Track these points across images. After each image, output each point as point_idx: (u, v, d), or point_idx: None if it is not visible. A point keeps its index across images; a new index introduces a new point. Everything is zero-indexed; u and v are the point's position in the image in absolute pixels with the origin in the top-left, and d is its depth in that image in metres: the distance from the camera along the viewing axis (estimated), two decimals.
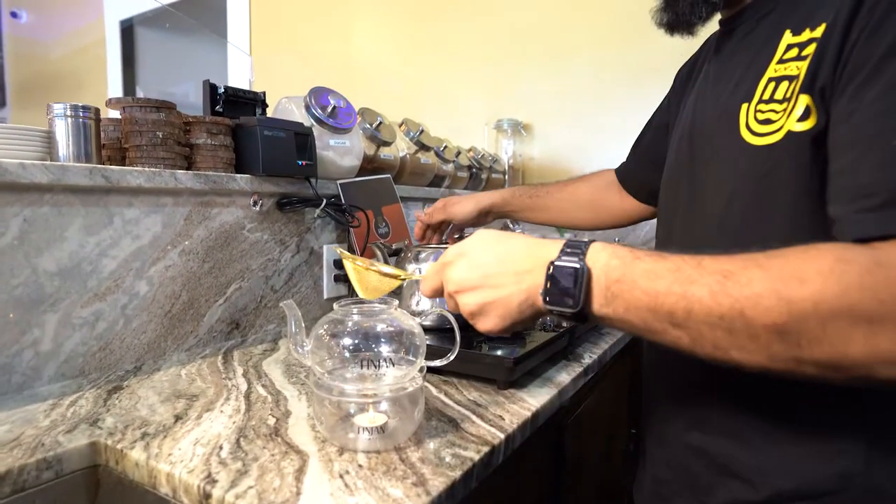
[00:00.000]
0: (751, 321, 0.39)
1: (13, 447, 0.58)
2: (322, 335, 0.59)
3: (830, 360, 0.38)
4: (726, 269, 0.41)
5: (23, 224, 0.73)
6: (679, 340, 0.43)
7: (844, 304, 0.37)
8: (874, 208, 0.41)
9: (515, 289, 0.49)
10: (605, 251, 0.47)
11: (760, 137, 0.52)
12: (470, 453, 0.57)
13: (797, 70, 0.50)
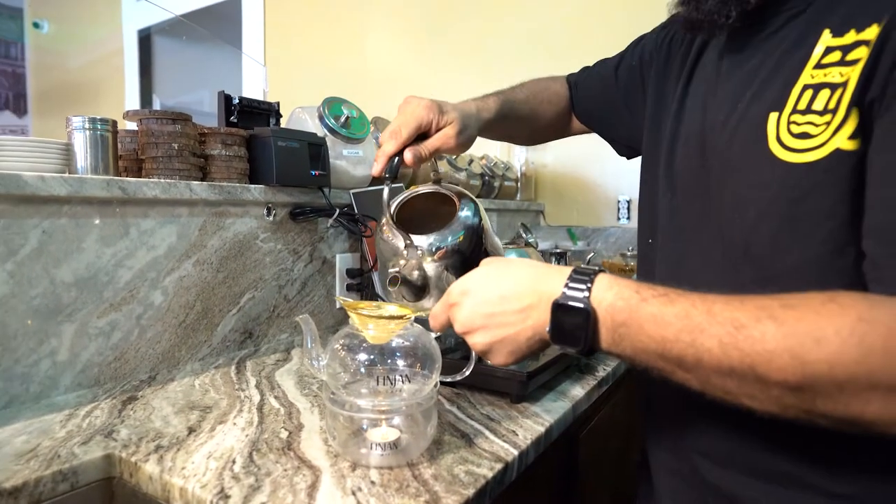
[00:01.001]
0: (762, 377, 0.38)
1: (30, 458, 0.58)
2: (338, 349, 0.59)
3: (844, 418, 0.37)
4: (738, 320, 0.39)
5: (42, 235, 0.74)
6: (688, 382, 0.43)
7: (863, 370, 0.35)
8: None
9: (521, 326, 0.49)
10: (611, 290, 0.46)
11: (796, 154, 0.46)
12: (483, 470, 0.57)
13: (842, 77, 0.45)
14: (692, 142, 0.59)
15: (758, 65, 0.53)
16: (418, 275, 0.65)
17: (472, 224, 0.66)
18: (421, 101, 0.69)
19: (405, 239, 0.65)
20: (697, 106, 0.61)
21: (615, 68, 0.85)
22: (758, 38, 0.55)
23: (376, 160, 0.68)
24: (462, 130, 0.71)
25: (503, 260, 0.54)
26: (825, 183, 0.44)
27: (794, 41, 0.50)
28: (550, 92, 0.90)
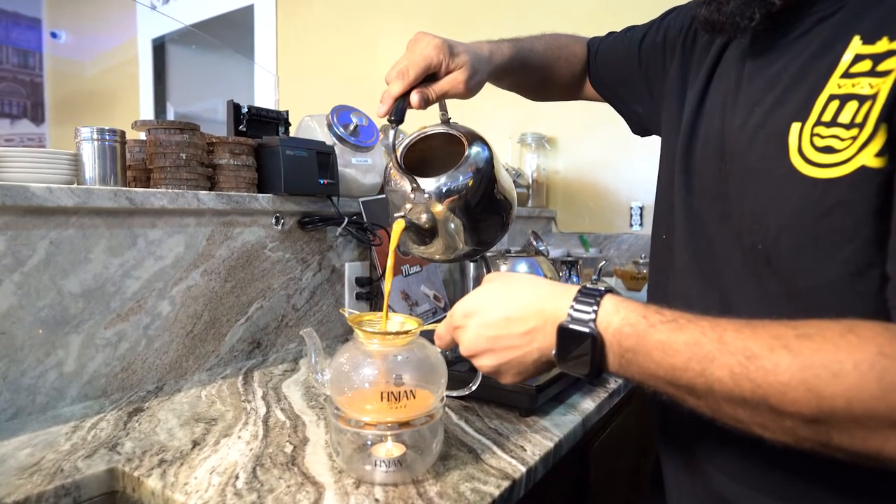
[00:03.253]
0: (775, 408, 0.37)
1: (33, 472, 0.58)
2: (342, 364, 0.58)
3: (862, 453, 0.36)
4: (750, 350, 0.38)
5: (49, 246, 0.74)
6: (699, 408, 0.42)
7: (883, 406, 0.34)
8: None
9: (528, 349, 0.48)
10: (618, 314, 0.44)
11: (820, 168, 0.44)
12: (490, 488, 0.55)
13: (872, 88, 0.42)
14: (711, 143, 0.57)
15: (781, 69, 0.50)
16: (426, 218, 0.64)
17: (481, 166, 0.64)
18: (432, 41, 0.66)
19: (412, 182, 0.63)
20: (717, 106, 0.58)
21: (639, 43, 0.80)
22: (783, 41, 0.52)
23: (382, 101, 0.65)
24: (472, 75, 0.68)
25: (507, 277, 0.52)
26: (849, 201, 0.42)
27: (822, 46, 0.47)
28: (569, 51, 0.87)
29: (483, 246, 0.71)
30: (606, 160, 2.03)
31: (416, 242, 0.68)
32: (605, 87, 0.87)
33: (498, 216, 0.69)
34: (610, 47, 0.85)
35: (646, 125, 0.84)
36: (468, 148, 0.65)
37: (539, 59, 0.82)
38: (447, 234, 0.66)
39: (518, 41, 0.80)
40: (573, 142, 2.12)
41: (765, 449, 0.45)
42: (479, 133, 0.68)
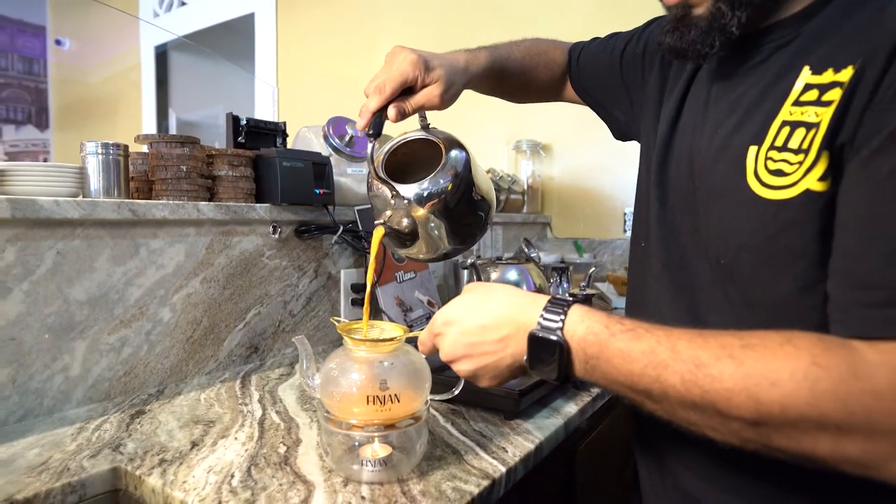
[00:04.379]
0: (722, 412, 0.40)
1: (41, 471, 0.61)
2: (332, 369, 0.62)
3: (797, 453, 0.39)
4: (699, 358, 0.42)
5: (56, 256, 0.78)
6: (656, 412, 0.45)
7: (814, 413, 0.37)
8: (873, 304, 0.39)
9: (502, 355, 0.52)
10: (583, 324, 0.48)
11: (771, 190, 0.47)
12: (470, 487, 0.59)
13: (817, 117, 0.45)
14: (683, 161, 0.60)
15: (743, 94, 0.54)
16: (407, 223, 0.67)
17: (459, 170, 0.67)
18: (408, 56, 0.68)
19: (391, 190, 0.66)
20: (689, 125, 0.61)
21: (621, 52, 0.82)
22: (745, 67, 0.55)
23: (360, 115, 0.68)
24: (448, 88, 0.71)
25: (484, 288, 0.56)
26: (797, 222, 0.45)
27: (778, 73, 0.50)
28: (548, 57, 0.89)
29: (464, 245, 0.75)
30: (601, 166, 2.07)
31: (398, 246, 0.72)
32: (586, 93, 0.90)
33: (477, 217, 0.73)
34: (592, 54, 0.88)
35: (626, 131, 0.87)
36: (446, 153, 0.68)
37: (517, 66, 0.85)
38: (429, 235, 0.69)
39: (496, 48, 0.83)
40: (568, 148, 2.15)
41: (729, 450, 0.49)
42: (457, 138, 0.71)
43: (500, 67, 0.81)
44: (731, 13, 0.49)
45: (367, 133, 0.67)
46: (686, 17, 0.52)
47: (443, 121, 0.74)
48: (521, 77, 0.86)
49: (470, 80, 0.76)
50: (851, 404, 0.36)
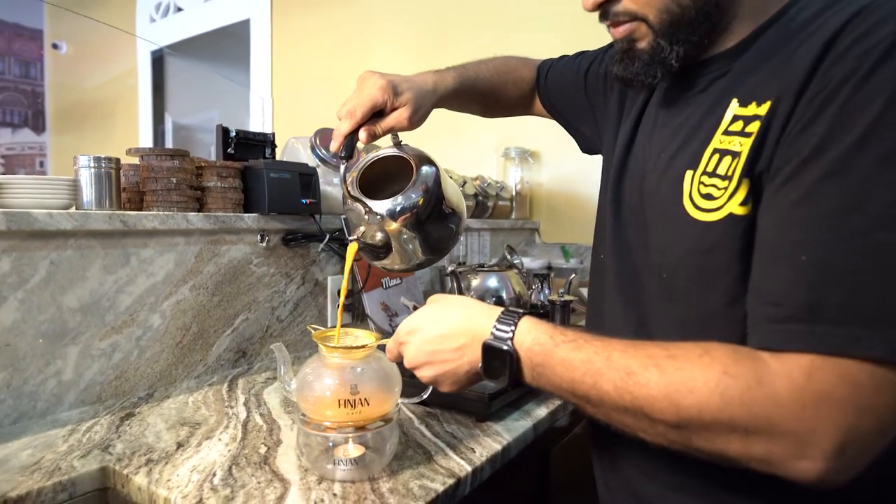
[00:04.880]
0: (649, 416, 0.45)
1: (34, 471, 0.65)
2: (307, 374, 0.65)
3: (713, 453, 0.44)
4: (629, 367, 0.46)
5: (49, 266, 0.82)
6: (596, 415, 0.50)
7: (724, 417, 0.42)
8: (778, 319, 0.43)
9: (459, 362, 0.57)
10: (530, 335, 0.52)
11: (702, 213, 0.51)
12: (436, 485, 0.63)
13: (740, 146, 0.49)
14: (635, 180, 0.64)
15: (684, 121, 0.58)
16: (380, 238, 0.70)
17: (430, 185, 0.71)
18: (377, 81, 0.72)
19: (364, 206, 0.69)
20: (640, 147, 0.65)
21: (585, 72, 0.86)
22: (687, 95, 0.59)
23: (333, 139, 0.72)
24: (416, 110, 0.75)
25: (445, 300, 0.60)
26: (722, 242, 0.49)
27: (713, 104, 0.55)
28: (517, 75, 0.93)
29: (437, 255, 0.78)
30: (588, 172, 2.11)
31: (372, 259, 0.76)
32: (554, 109, 0.94)
33: (448, 229, 0.76)
34: (559, 73, 0.92)
35: (591, 146, 0.91)
36: (417, 169, 0.72)
37: (485, 85, 0.89)
38: (403, 248, 0.73)
39: (465, 69, 0.87)
40: (556, 155, 2.20)
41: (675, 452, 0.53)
42: (427, 154, 0.75)
43: (468, 87, 0.85)
44: (669, 48, 0.53)
45: (339, 155, 0.71)
46: (631, 50, 0.56)
47: (434, 129, 0.77)
48: (491, 95, 0.90)
49: (438, 101, 0.80)
50: (756, 409, 0.41)
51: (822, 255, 0.40)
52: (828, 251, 0.40)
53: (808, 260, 0.41)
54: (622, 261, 0.64)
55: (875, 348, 0.38)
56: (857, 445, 0.39)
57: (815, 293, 0.40)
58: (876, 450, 0.40)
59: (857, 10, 0.43)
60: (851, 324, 0.39)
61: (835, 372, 0.39)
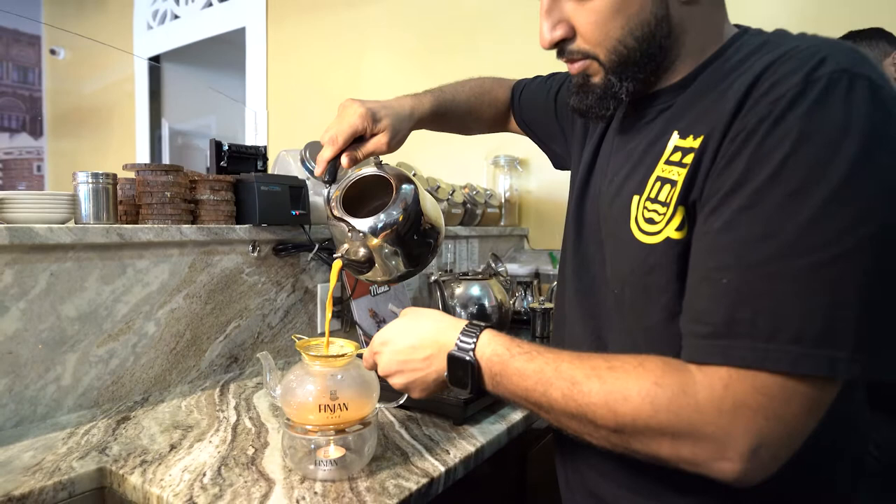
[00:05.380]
0: (592, 422, 0.50)
1: (35, 471, 0.70)
2: (291, 380, 0.70)
3: (649, 455, 0.49)
4: (574, 378, 0.51)
5: (49, 278, 0.87)
6: (549, 420, 0.55)
7: (654, 422, 0.47)
8: (702, 335, 0.47)
9: (427, 371, 0.62)
10: (489, 347, 0.58)
11: (645, 235, 0.56)
12: (410, 484, 0.68)
13: (677, 176, 0.53)
14: (595, 200, 0.69)
15: (634, 148, 0.63)
16: (363, 254, 0.75)
17: (409, 203, 0.76)
18: (357, 110, 0.77)
19: (347, 225, 0.75)
20: (600, 169, 0.70)
21: (555, 95, 0.91)
22: (639, 124, 0.64)
23: (317, 164, 0.78)
24: (394, 135, 0.80)
25: (416, 313, 0.65)
26: (662, 263, 0.54)
27: (658, 133, 0.59)
28: (492, 96, 0.99)
29: (417, 267, 0.83)
30: None
31: (356, 273, 0.81)
32: (527, 128, 1.00)
33: (427, 243, 0.81)
34: (531, 93, 0.97)
35: (561, 163, 0.97)
36: (397, 188, 0.77)
37: (462, 106, 0.94)
38: (384, 262, 0.78)
39: (442, 91, 0.92)
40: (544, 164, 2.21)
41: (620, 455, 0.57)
42: (406, 173, 0.80)
43: (444, 109, 0.90)
44: (619, 84, 0.58)
45: (323, 179, 0.76)
46: (586, 85, 0.61)
47: (425, 138, 0.82)
48: (467, 116, 0.96)
49: (416, 124, 0.85)
50: (681, 416, 0.45)
51: (738, 278, 0.45)
52: (742, 275, 0.45)
53: (728, 282, 0.46)
54: (582, 275, 0.69)
55: (782, 363, 0.43)
56: (770, 449, 0.44)
57: (732, 312, 0.45)
58: (788, 453, 0.45)
59: (774, 57, 0.48)
60: (762, 341, 0.44)
61: (749, 383, 0.44)
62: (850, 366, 0.42)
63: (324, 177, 0.77)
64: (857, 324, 0.42)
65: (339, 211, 0.75)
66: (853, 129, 0.42)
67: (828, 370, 0.42)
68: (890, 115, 0.43)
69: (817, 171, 0.43)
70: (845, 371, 0.42)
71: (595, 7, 0.55)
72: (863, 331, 0.42)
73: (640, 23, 0.55)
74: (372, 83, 2.68)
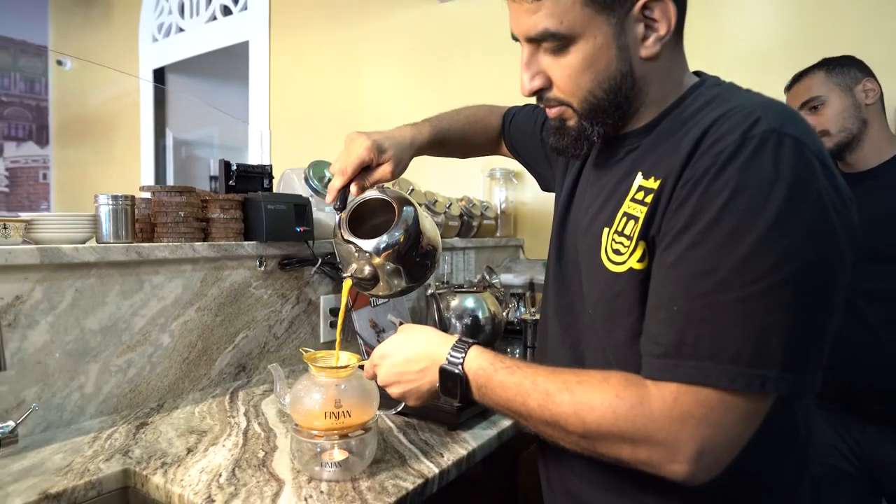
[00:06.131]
0: (564, 428, 0.57)
1: (67, 472, 0.77)
2: (299, 390, 0.77)
3: (614, 458, 0.56)
4: (548, 390, 0.58)
5: (75, 293, 0.94)
6: (528, 426, 0.62)
7: (615, 429, 0.54)
8: (656, 355, 0.54)
9: (421, 382, 0.69)
10: (476, 361, 0.65)
11: (613, 265, 0.62)
12: (407, 484, 0.75)
13: (640, 213, 0.60)
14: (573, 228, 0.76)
15: (606, 183, 0.70)
16: (368, 272, 0.83)
17: (409, 224, 0.83)
18: (363, 143, 0.83)
19: (354, 247, 0.82)
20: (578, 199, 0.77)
21: (541, 126, 0.98)
22: (611, 161, 0.71)
23: (328, 193, 0.85)
24: (397, 164, 0.87)
25: (412, 330, 0.72)
26: (626, 290, 0.61)
27: (626, 172, 0.66)
28: (485, 124, 1.07)
29: (418, 282, 0.91)
30: None
31: (363, 289, 0.88)
32: (516, 153, 1.08)
33: (425, 261, 0.89)
34: (520, 122, 1.05)
35: (548, 186, 1.04)
36: (399, 211, 0.84)
37: (457, 134, 1.02)
38: (387, 278, 0.85)
39: (438, 120, 0.99)
40: None
41: None
42: (407, 196, 0.88)
43: (441, 137, 0.97)
44: (591, 128, 0.66)
45: (334, 207, 0.84)
46: (562, 127, 0.68)
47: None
48: (462, 142, 1.03)
49: (416, 152, 0.93)
50: (637, 424, 0.53)
51: (685, 307, 0.52)
52: (689, 304, 0.52)
53: (678, 310, 0.53)
54: (562, 294, 0.76)
55: (721, 380, 0.50)
56: (713, 453, 0.52)
57: (680, 336, 0.52)
58: (728, 457, 0.52)
59: (720, 114, 0.56)
60: (705, 360, 0.51)
61: (694, 397, 0.51)
62: (778, 383, 0.50)
63: (335, 204, 0.84)
64: (785, 347, 0.49)
65: (348, 234, 0.83)
66: (780, 181, 0.50)
67: (759, 386, 0.50)
68: (812, 170, 0.51)
69: (750, 216, 0.50)
70: (774, 387, 0.50)
71: (568, 63, 0.62)
72: (790, 353, 0.50)
73: (607, 77, 0.62)
74: (371, 95, 2.75)
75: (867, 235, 1.31)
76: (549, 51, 0.63)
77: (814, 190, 0.50)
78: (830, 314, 0.52)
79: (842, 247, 0.52)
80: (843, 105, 1.30)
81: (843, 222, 0.52)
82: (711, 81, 0.66)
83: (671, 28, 0.61)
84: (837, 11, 1.68)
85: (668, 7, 0.60)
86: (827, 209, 0.51)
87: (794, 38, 1.74)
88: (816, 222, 0.50)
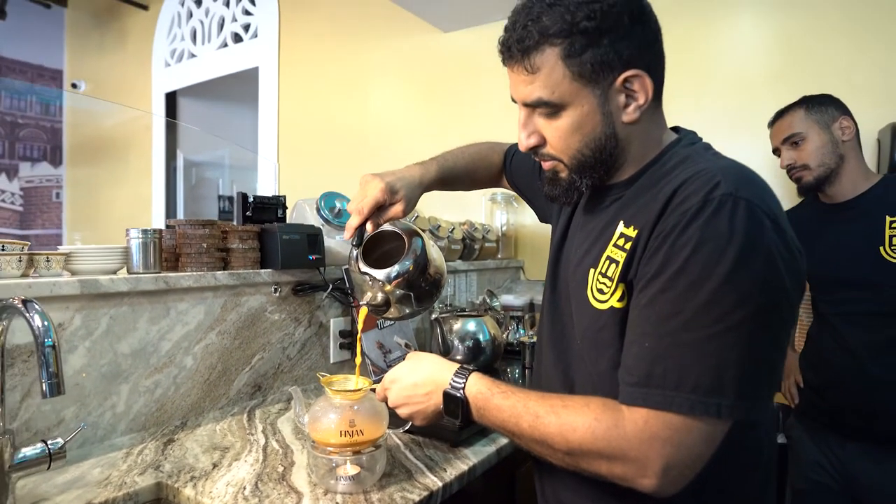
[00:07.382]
0: (551, 446, 0.65)
1: (106, 484, 0.85)
2: (316, 410, 0.86)
3: (594, 473, 0.64)
4: (538, 412, 0.66)
5: (109, 320, 1.03)
6: (521, 444, 0.70)
7: (594, 448, 0.62)
8: (630, 384, 0.62)
9: (427, 404, 0.78)
10: (475, 386, 0.73)
11: (597, 302, 0.70)
12: (414, 496, 0.83)
13: (620, 258, 0.68)
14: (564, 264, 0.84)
15: (592, 228, 0.78)
16: (381, 298, 0.92)
17: (418, 254, 0.92)
18: (378, 185, 0.90)
19: (368, 277, 0.91)
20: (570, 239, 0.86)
21: (539, 167, 1.00)
22: (599, 207, 0.79)
23: (346, 230, 0.93)
24: (408, 203, 0.94)
25: (419, 357, 0.81)
26: (608, 325, 0.70)
27: (610, 219, 0.75)
28: (488, 161, 1.16)
29: (424, 306, 1.00)
30: None
31: (376, 315, 0.97)
32: (516, 187, 1.17)
33: (432, 287, 0.97)
34: (520, 159, 1.14)
35: (545, 218, 1.13)
36: (408, 242, 0.93)
37: (462, 171, 1.11)
38: (397, 303, 0.94)
39: (444, 159, 1.08)
40: None
41: None
42: (416, 227, 0.97)
43: (447, 174, 1.07)
44: (580, 180, 0.75)
45: (352, 244, 0.93)
46: (555, 178, 0.77)
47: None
48: (466, 178, 1.13)
49: (425, 190, 1.02)
50: (613, 444, 0.61)
51: (654, 343, 0.61)
52: (658, 341, 0.61)
53: (648, 346, 0.61)
54: (555, 323, 0.85)
55: (683, 407, 0.58)
56: (677, 469, 0.60)
57: (650, 369, 0.61)
58: (692, 472, 0.60)
59: (689, 174, 0.65)
60: (670, 390, 0.59)
61: (661, 421, 0.59)
62: (732, 410, 0.58)
63: (352, 240, 0.93)
64: (739, 379, 0.58)
65: (364, 266, 0.92)
66: (734, 238, 0.58)
67: (715, 413, 0.58)
68: (762, 228, 0.59)
69: (709, 268, 0.59)
70: (729, 414, 0.58)
71: (559, 126, 0.71)
72: (743, 384, 0.58)
73: (593, 139, 0.71)
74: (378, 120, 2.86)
75: (846, 264, 1.40)
76: (543, 114, 0.72)
77: (763, 245, 0.59)
78: (780, 350, 0.61)
79: (790, 293, 0.61)
80: (821, 141, 1.39)
81: (791, 270, 0.60)
82: (686, 140, 0.75)
83: (649, 98, 0.70)
84: (821, 42, 1.78)
85: (646, 81, 0.69)
86: (776, 261, 0.59)
87: (779, 66, 1.84)
88: (766, 273, 0.59)
